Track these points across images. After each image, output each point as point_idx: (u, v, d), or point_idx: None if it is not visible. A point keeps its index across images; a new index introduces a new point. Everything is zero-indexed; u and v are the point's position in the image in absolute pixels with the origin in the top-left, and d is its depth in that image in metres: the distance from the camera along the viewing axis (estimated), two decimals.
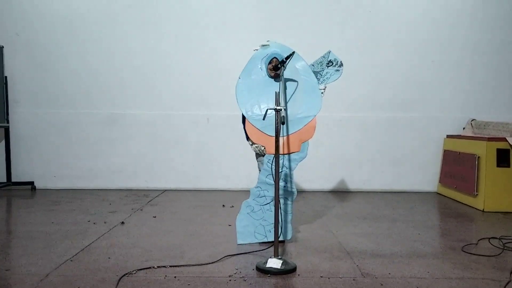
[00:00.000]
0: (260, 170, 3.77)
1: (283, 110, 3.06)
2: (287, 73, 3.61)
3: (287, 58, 3.32)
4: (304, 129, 3.65)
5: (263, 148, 3.64)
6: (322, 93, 3.71)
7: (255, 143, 3.66)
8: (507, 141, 5.26)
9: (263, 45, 3.71)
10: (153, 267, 3.09)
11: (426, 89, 6.51)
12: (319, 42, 6.23)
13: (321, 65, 3.74)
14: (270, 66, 3.62)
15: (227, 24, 6.40)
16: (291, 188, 3.70)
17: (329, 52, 3.75)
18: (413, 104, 6.51)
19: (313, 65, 3.76)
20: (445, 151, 6.37)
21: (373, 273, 3.04)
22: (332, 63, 3.72)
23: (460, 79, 6.52)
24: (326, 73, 3.73)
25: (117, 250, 3.50)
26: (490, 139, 5.34)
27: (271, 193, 3.61)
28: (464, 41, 6.48)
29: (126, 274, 2.94)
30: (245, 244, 3.66)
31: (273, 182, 3.54)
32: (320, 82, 3.73)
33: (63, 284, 2.76)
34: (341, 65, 3.74)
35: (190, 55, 6.42)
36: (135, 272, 2.99)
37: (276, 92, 3.12)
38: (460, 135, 6.27)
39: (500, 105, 6.52)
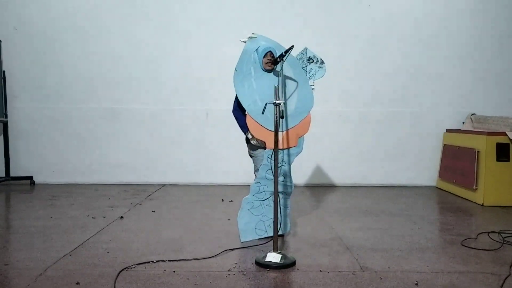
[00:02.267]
0: (254, 166, 3.76)
1: (282, 104, 3.04)
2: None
3: (286, 52, 3.30)
4: (300, 124, 3.66)
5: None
6: (312, 89, 3.72)
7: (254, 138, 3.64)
8: (507, 135, 5.25)
9: (250, 38, 3.69)
10: (152, 261, 3.08)
11: (426, 84, 6.49)
12: (319, 36, 6.22)
13: (302, 61, 3.74)
14: (265, 59, 3.59)
15: (226, 19, 6.37)
16: (289, 182, 3.70)
17: (306, 49, 3.75)
18: (413, 98, 6.50)
19: None
20: (444, 145, 6.36)
21: (372, 267, 3.04)
22: (313, 60, 3.72)
23: (460, 74, 6.49)
24: (310, 69, 3.73)
25: (116, 244, 3.50)
26: (490, 134, 5.32)
27: (271, 188, 3.60)
28: (465, 36, 6.45)
29: (125, 268, 2.94)
30: (248, 241, 3.63)
31: (272, 177, 3.54)
32: (308, 78, 3.73)
33: (62, 279, 2.76)
34: (322, 62, 3.75)
35: (189, 50, 6.39)
36: (134, 266, 2.99)
37: (275, 86, 3.11)
38: (460, 129, 6.25)
39: (500, 99, 6.50)
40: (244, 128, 3.67)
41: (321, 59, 3.75)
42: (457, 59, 6.47)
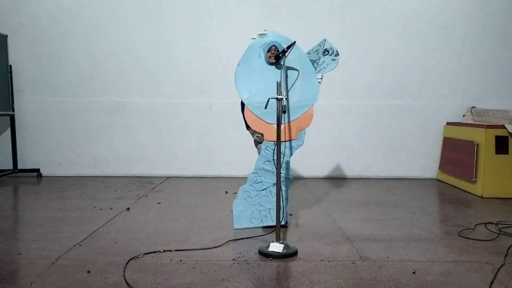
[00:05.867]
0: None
1: (284, 99, 3.13)
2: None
3: (288, 47, 3.37)
4: (301, 117, 3.73)
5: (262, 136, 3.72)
6: (319, 82, 3.77)
7: (256, 132, 3.74)
8: (506, 128, 5.33)
9: (260, 34, 3.76)
10: (159, 251, 3.19)
11: (427, 77, 6.55)
12: (320, 30, 6.26)
13: (317, 54, 3.78)
14: (269, 53, 3.67)
15: (228, 12, 6.43)
16: (288, 174, 3.79)
17: (325, 40, 3.79)
18: (414, 91, 6.57)
19: (309, 53, 3.80)
20: (445, 138, 6.44)
21: (372, 256, 3.14)
22: (328, 52, 3.76)
23: (461, 67, 6.55)
24: (323, 62, 3.77)
25: (124, 235, 3.61)
26: (489, 127, 5.40)
27: (268, 179, 3.72)
28: (465, 29, 6.50)
29: (133, 257, 3.05)
30: (242, 228, 3.75)
31: (270, 169, 3.67)
32: (317, 71, 3.78)
33: (73, 267, 2.87)
34: (337, 54, 3.78)
35: (192, 44, 6.47)
36: (142, 256, 3.10)
37: (277, 82, 3.19)
38: (460, 122, 6.33)
39: (499, 92, 6.56)
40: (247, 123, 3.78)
41: (336, 50, 3.78)
42: (458, 52, 6.53)
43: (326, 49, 3.76)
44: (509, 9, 6.47)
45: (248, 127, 3.79)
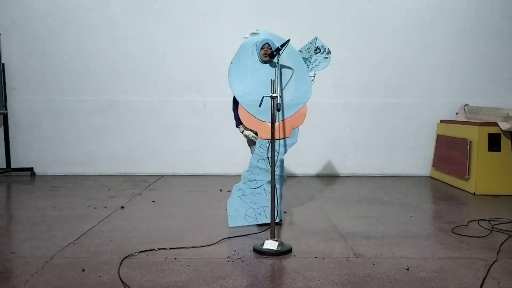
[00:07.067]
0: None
1: (278, 97, 3.14)
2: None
3: (282, 45, 3.38)
4: (295, 115, 3.73)
5: (254, 135, 3.72)
6: (312, 80, 3.78)
7: (246, 130, 3.73)
8: (498, 126, 5.37)
9: (252, 33, 3.76)
10: (154, 249, 3.20)
11: (420, 75, 6.58)
12: (314, 29, 6.23)
13: (309, 52, 3.78)
14: (262, 52, 3.67)
15: (222, 10, 6.43)
16: (282, 172, 3.80)
17: (316, 38, 3.79)
18: (407, 89, 6.59)
19: (301, 51, 3.81)
20: (438, 135, 6.47)
21: (366, 253, 3.16)
22: (320, 50, 3.77)
23: (454, 65, 6.59)
24: (315, 60, 3.78)
25: (118, 233, 3.61)
26: (481, 124, 5.44)
27: (262, 177, 3.73)
28: (458, 28, 6.53)
29: (128, 256, 3.05)
30: (236, 227, 3.75)
31: (263, 167, 3.68)
32: (309, 70, 3.79)
33: (68, 266, 2.87)
34: (329, 52, 3.79)
35: (185, 42, 6.46)
36: (136, 254, 3.10)
37: (272, 80, 3.20)
38: (453, 120, 6.37)
39: (492, 90, 6.61)
40: (237, 121, 3.77)
41: (328, 49, 3.78)
42: (451, 50, 6.56)
43: (317, 47, 3.77)
44: (502, 7, 6.51)
45: (238, 124, 3.79)
